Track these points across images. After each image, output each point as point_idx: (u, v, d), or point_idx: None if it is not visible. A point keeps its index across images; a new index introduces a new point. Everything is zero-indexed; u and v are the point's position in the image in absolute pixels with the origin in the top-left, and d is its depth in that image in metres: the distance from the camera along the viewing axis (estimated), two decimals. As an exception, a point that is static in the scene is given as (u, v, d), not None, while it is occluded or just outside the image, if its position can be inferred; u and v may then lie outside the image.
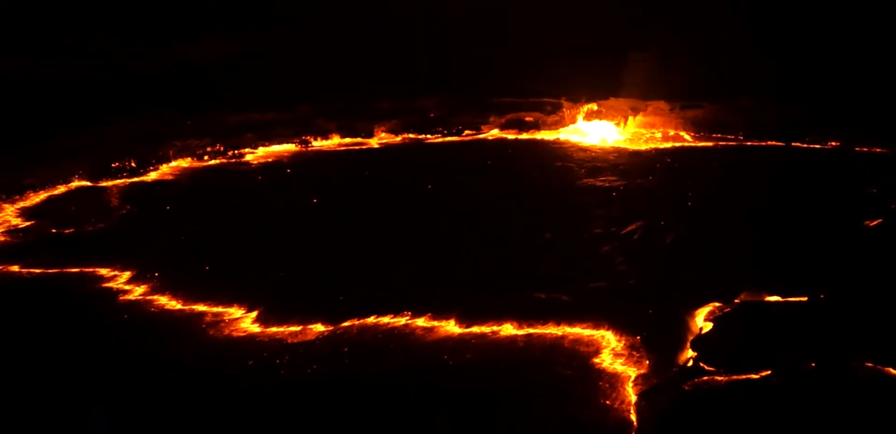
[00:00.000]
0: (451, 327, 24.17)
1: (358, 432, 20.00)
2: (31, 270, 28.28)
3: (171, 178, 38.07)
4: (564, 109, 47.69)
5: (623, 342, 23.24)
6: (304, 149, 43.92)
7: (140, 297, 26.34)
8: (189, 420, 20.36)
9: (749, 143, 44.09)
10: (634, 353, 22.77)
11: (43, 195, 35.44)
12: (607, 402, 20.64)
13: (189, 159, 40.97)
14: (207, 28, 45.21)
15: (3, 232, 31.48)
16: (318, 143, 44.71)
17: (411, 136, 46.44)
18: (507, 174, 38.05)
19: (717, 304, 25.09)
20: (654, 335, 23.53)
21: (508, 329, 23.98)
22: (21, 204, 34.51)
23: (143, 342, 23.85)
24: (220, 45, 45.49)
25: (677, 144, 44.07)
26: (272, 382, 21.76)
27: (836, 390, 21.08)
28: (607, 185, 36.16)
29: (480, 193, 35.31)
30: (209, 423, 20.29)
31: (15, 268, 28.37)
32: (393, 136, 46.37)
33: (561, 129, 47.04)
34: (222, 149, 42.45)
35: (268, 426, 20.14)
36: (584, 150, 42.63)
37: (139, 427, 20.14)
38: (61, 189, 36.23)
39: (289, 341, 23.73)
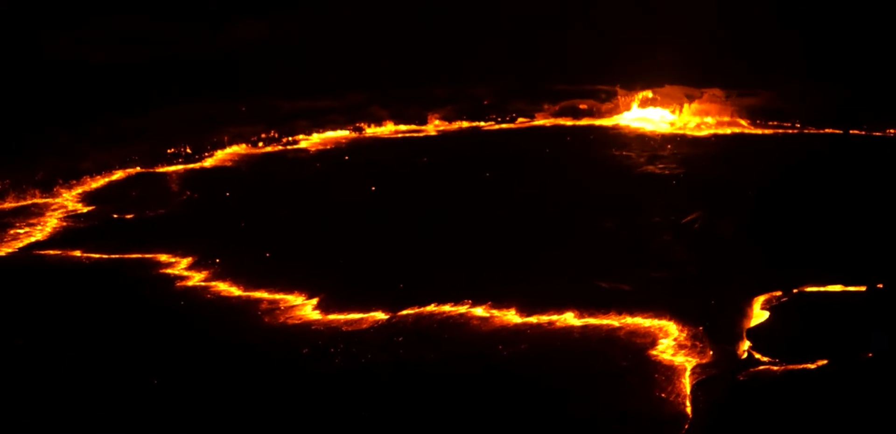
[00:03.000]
0: (508, 317, 24.06)
1: (408, 422, 19.99)
2: (91, 255, 28.60)
3: (229, 164, 38.24)
4: (619, 96, 47.34)
5: (683, 332, 23.01)
6: (359, 135, 43.96)
7: (198, 284, 26.50)
8: (238, 407, 20.45)
9: (807, 131, 43.55)
10: (694, 343, 22.53)
11: (101, 180, 35.75)
12: (662, 394, 20.43)
13: (244, 145, 41.13)
14: (261, 13, 45.39)
15: (63, 217, 31.89)
16: (371, 130, 44.72)
17: (465, 123, 46.30)
18: (565, 162, 37.86)
19: (775, 294, 24.82)
20: (715, 325, 23.26)
21: (569, 319, 23.85)
22: (79, 189, 34.83)
23: (197, 329, 24.00)
24: (274, 31, 45.66)
25: (735, 131, 43.62)
26: (326, 371, 21.80)
27: (893, 381, 20.85)
28: (667, 173, 35.85)
29: (539, 181, 35.18)
30: (259, 410, 20.37)
31: (77, 253, 28.68)
32: (447, 123, 46.25)
33: (616, 117, 46.71)
34: (277, 135, 42.57)
35: (318, 414, 20.19)
36: (641, 137, 42.29)
37: (189, 412, 20.27)
38: (120, 174, 36.52)
39: (344, 329, 23.75)
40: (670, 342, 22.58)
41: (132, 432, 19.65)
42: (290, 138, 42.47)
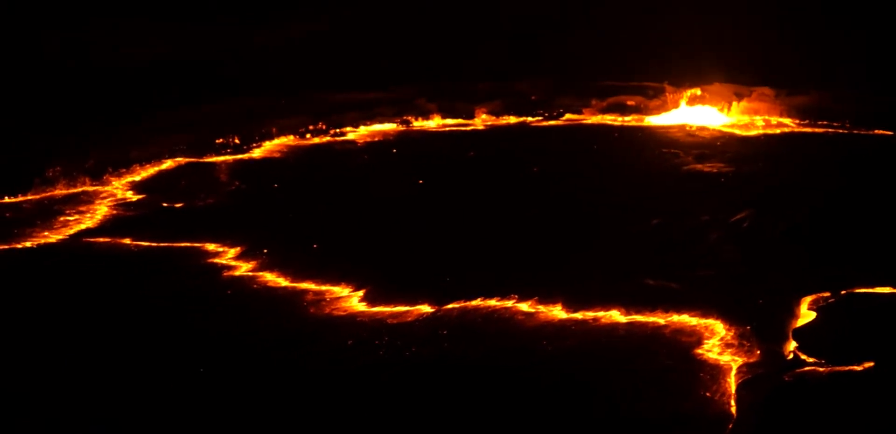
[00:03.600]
0: (553, 312, 24.02)
1: (451, 416, 19.99)
2: (141, 243, 28.89)
3: (277, 155, 38.42)
4: (667, 94, 47.03)
5: (730, 331, 22.87)
6: (406, 128, 44.01)
7: (245, 274, 26.71)
8: (282, 397, 20.56)
9: (857, 132, 43.09)
10: (741, 342, 22.39)
11: (152, 170, 36.07)
12: (707, 393, 20.30)
13: (292, 137, 41.31)
14: (314, 7, 45.59)
15: (113, 205, 32.23)
16: (419, 123, 44.75)
17: (512, 118, 46.22)
18: (614, 158, 37.74)
19: (822, 295, 24.56)
20: (762, 325, 23.07)
21: (615, 316, 23.78)
22: (129, 178, 35.16)
23: (243, 318, 24.18)
24: (322, 24, 45.83)
25: (784, 131, 43.23)
26: (370, 363, 21.87)
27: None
28: (715, 171, 35.58)
29: (587, 177, 35.04)
30: (303, 400, 20.47)
31: (126, 240, 29.00)
32: (494, 117, 46.19)
33: (664, 114, 46.44)
34: (324, 127, 42.70)
35: (361, 406, 20.26)
36: (689, 135, 42.03)
37: (233, 403, 20.39)
38: (169, 163, 36.83)
39: (389, 322, 23.82)
40: (716, 341, 22.42)
41: (180, 419, 19.80)
42: (337, 130, 42.59)
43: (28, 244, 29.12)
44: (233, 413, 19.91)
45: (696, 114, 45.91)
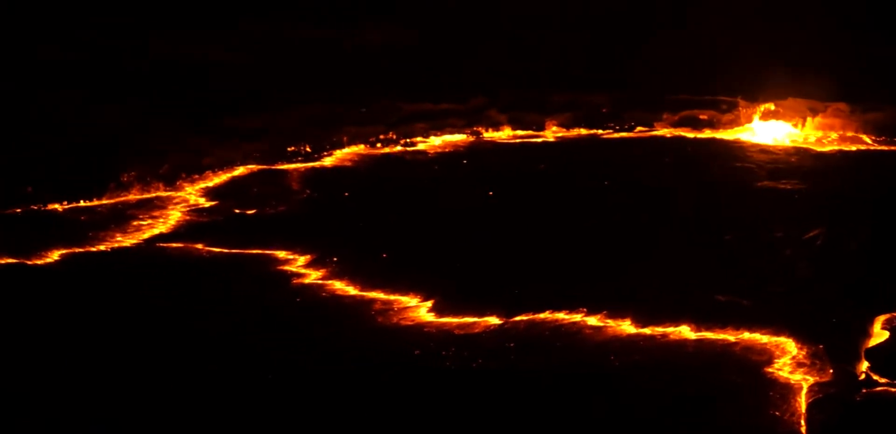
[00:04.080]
0: (622, 327, 23.87)
1: (514, 429, 19.95)
2: (212, 249, 29.20)
3: (349, 164, 38.54)
4: (741, 108, 46.51)
5: (802, 350, 22.56)
6: (477, 139, 43.99)
7: (314, 282, 26.87)
8: (347, 405, 20.62)
9: (936, 151, 42.36)
10: (813, 361, 22.08)
11: (224, 176, 36.38)
12: (777, 412, 20.06)
13: (363, 146, 41.45)
14: (384, 16, 45.81)
15: (186, 211, 32.60)
16: (489, 134, 44.67)
17: (583, 130, 46.01)
18: (686, 173, 37.31)
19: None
20: (835, 344, 22.72)
21: (684, 331, 23.55)
22: (202, 184, 35.50)
23: (310, 326, 24.32)
24: (399, 34, 46.03)
25: (860, 147, 42.55)
26: (436, 374, 21.88)
27: None
28: (788, 187, 35.10)
29: (658, 191, 34.76)
30: (368, 410, 20.51)
31: (199, 246, 29.33)
32: (564, 129, 46.00)
33: (737, 128, 45.92)
34: (395, 137, 42.79)
35: (427, 416, 20.26)
36: (763, 150, 41.45)
37: (300, 411, 20.48)
38: (242, 170, 37.10)
39: (456, 333, 23.82)
40: (787, 360, 22.14)
41: (247, 425, 19.96)
42: (408, 140, 42.65)
43: (102, 247, 29.56)
44: (300, 421, 20.03)
45: (770, 129, 45.35)
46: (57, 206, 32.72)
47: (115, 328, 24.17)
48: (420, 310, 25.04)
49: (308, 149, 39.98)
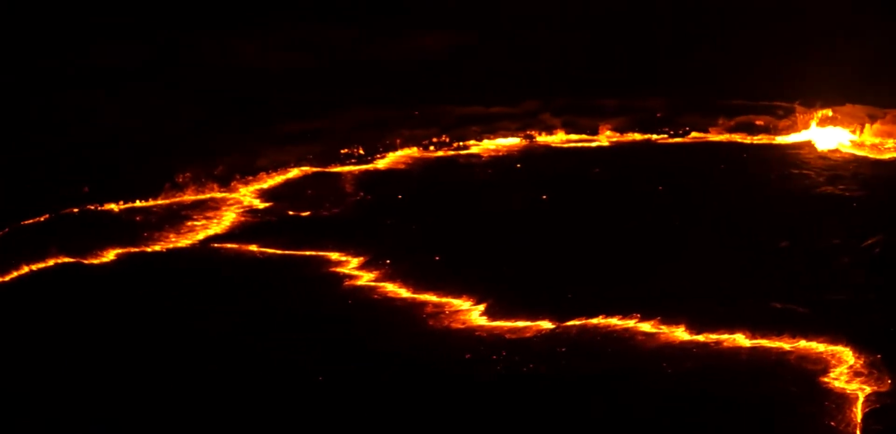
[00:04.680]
0: (676, 334, 23.69)
1: None
2: (266, 250, 29.38)
3: (402, 167, 38.54)
4: (797, 114, 45.96)
5: (860, 360, 22.26)
6: (530, 143, 43.86)
7: (366, 284, 26.95)
8: (396, 408, 20.64)
9: None
10: (871, 371, 21.78)
11: (279, 178, 36.53)
12: (832, 422, 19.80)
13: (415, 149, 41.45)
14: (436, 20, 45.80)
15: (241, 212, 32.80)
16: (542, 138, 44.50)
17: (637, 135, 45.73)
18: (741, 178, 36.89)
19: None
20: (893, 353, 22.40)
21: (739, 339, 23.30)
22: (256, 185, 35.67)
23: (361, 328, 24.40)
24: (448, 38, 45.99)
25: (921, 155, 41.99)
26: (487, 378, 21.86)
27: None
28: (847, 194, 34.53)
29: (713, 197, 34.38)
30: (416, 415, 20.52)
31: (252, 247, 29.53)
32: (618, 134, 45.73)
33: (794, 134, 45.41)
34: (448, 140, 42.74)
35: (477, 420, 20.24)
36: (820, 157, 40.88)
37: (348, 414, 20.54)
38: (296, 172, 37.25)
39: (507, 337, 23.78)
40: (844, 369, 21.86)
41: (300, 423, 20.10)
42: (461, 143, 42.58)
43: (157, 248, 29.85)
44: (349, 423, 20.10)
45: (828, 135, 44.79)
46: (113, 205, 33.06)
47: (169, 328, 24.42)
48: (472, 313, 25.02)
49: (361, 151, 40.06)
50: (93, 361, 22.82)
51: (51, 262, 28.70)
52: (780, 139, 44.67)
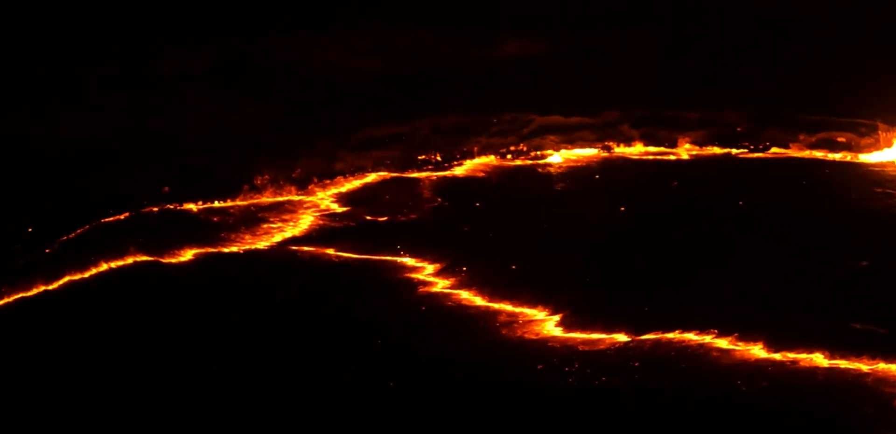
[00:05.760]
0: (752, 351, 23.38)
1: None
2: (342, 254, 29.54)
3: (480, 175, 38.56)
4: (880, 132, 45.22)
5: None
6: (608, 154, 43.62)
7: (441, 290, 26.96)
8: (464, 419, 20.63)
9: None
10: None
11: (356, 182, 36.71)
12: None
13: (493, 157, 41.42)
14: (517, 28, 45.77)
15: (319, 216, 33.01)
16: (620, 150, 44.24)
17: (717, 148, 45.26)
18: (822, 196, 36.32)
19: None
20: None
21: (816, 359, 22.92)
22: (334, 189, 35.87)
23: (433, 335, 24.42)
24: (528, 47, 45.95)
25: None
26: (558, 389, 21.75)
27: None
28: (931, 214, 33.95)
29: (794, 214, 33.88)
30: (484, 424, 20.49)
31: (329, 251, 29.72)
32: (697, 147, 45.32)
33: (876, 153, 44.65)
34: (525, 149, 42.66)
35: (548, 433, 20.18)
36: (905, 176, 40.33)
37: (415, 418, 20.57)
38: (374, 177, 37.41)
39: (580, 349, 23.64)
40: (923, 392, 21.49)
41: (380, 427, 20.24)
42: (538, 153, 42.46)
43: (234, 249, 30.16)
44: (418, 429, 20.15)
45: (911, 154, 44.10)
46: (192, 206, 33.48)
47: (243, 329, 24.68)
48: (546, 324, 24.92)
49: (438, 158, 40.13)
50: (167, 358, 23.17)
51: (129, 260, 29.20)
52: (863, 157, 43.95)
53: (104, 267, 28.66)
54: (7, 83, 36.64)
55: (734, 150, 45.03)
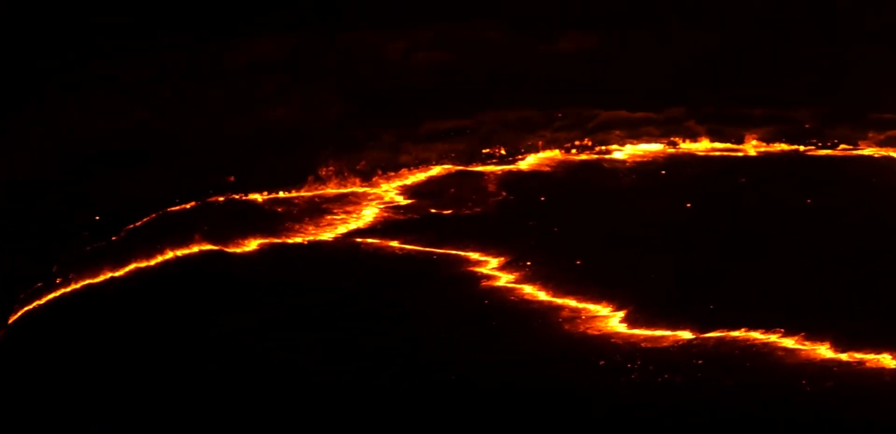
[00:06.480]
0: (819, 351, 23.17)
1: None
2: (406, 247, 29.62)
3: (545, 169, 38.40)
4: (953, 130, 44.54)
5: None
6: (674, 150, 43.32)
7: (504, 285, 26.97)
8: (522, 412, 20.67)
9: None
10: None
11: (421, 175, 36.75)
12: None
13: (558, 151, 41.24)
14: (586, 25, 45.58)
15: (383, 208, 33.13)
16: (686, 146, 43.85)
17: (784, 145, 44.75)
18: (893, 194, 35.84)
19: None
20: None
21: (884, 360, 22.65)
22: (398, 181, 35.91)
23: (494, 329, 24.48)
24: (595, 40, 45.73)
25: None
26: (619, 386, 21.74)
27: None
28: None
29: (863, 212, 33.41)
30: (544, 422, 20.51)
31: (394, 243, 29.81)
32: (764, 144, 44.84)
33: (948, 151, 43.98)
34: (590, 143, 42.44)
35: (609, 429, 20.16)
36: (978, 175, 39.61)
37: (476, 413, 20.64)
38: (438, 170, 37.46)
39: (643, 346, 23.57)
40: None
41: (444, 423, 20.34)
42: (603, 147, 42.19)
43: (298, 239, 30.37)
44: (477, 422, 20.22)
45: (985, 152, 43.32)
46: (257, 196, 33.67)
47: (307, 319, 24.91)
48: (609, 320, 24.85)
49: (503, 151, 40.02)
50: (230, 348, 23.46)
51: (195, 249, 29.51)
52: (936, 156, 43.30)
53: (170, 255, 29.03)
54: (75, 72, 37.16)
55: (802, 147, 44.50)
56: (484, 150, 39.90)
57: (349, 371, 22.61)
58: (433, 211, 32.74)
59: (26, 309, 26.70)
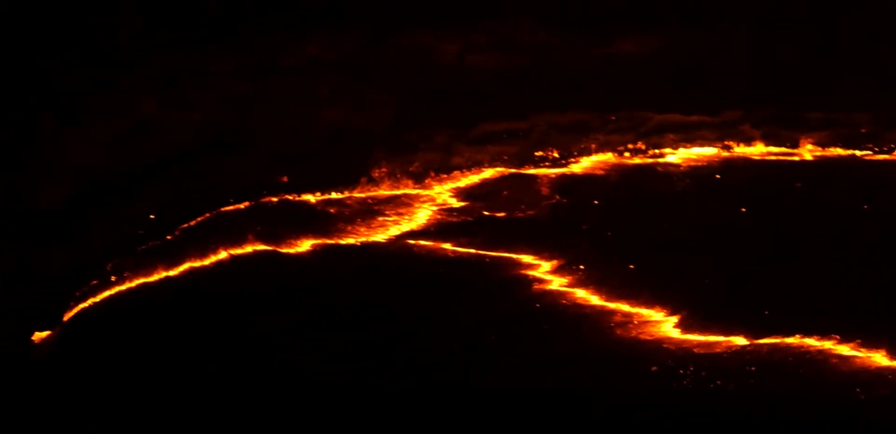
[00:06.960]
0: (874, 358, 22.94)
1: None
2: (458, 249, 29.66)
3: (599, 172, 38.29)
4: None
5: None
6: (728, 154, 43.01)
7: (557, 289, 26.93)
8: (572, 416, 20.65)
9: None
10: None
11: (473, 177, 36.74)
12: None
13: (611, 154, 41.08)
14: (635, 25, 45.37)
15: (434, 210, 33.20)
16: (740, 149, 43.49)
17: (840, 150, 44.28)
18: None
19: None
20: None
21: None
22: (450, 184, 35.94)
23: (544, 334, 24.46)
24: (647, 44, 45.52)
25: None
26: (672, 392, 21.66)
27: None
28: None
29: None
30: (595, 423, 20.49)
31: (446, 246, 29.87)
32: (820, 148, 44.38)
33: None
34: (643, 147, 42.21)
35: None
36: None
37: (527, 417, 20.66)
38: (491, 172, 37.43)
39: (695, 351, 23.46)
40: None
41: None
42: (656, 151, 41.96)
43: (351, 241, 30.51)
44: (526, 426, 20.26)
45: None
46: (310, 196, 33.85)
47: (357, 321, 25.06)
48: (662, 325, 24.77)
49: (556, 154, 39.93)
50: (282, 344, 23.71)
51: (248, 249, 29.79)
52: None
53: (223, 254, 29.33)
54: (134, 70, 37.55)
55: (858, 152, 44.02)
56: (537, 153, 39.81)
57: (397, 373, 22.73)
58: (486, 213, 32.74)
59: (81, 306, 27.15)
